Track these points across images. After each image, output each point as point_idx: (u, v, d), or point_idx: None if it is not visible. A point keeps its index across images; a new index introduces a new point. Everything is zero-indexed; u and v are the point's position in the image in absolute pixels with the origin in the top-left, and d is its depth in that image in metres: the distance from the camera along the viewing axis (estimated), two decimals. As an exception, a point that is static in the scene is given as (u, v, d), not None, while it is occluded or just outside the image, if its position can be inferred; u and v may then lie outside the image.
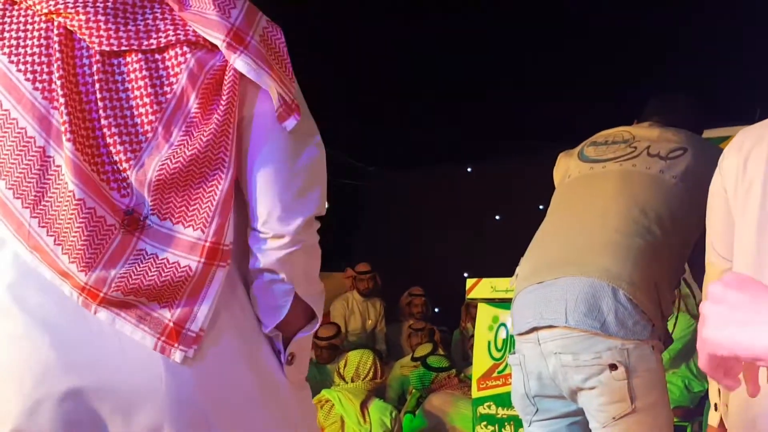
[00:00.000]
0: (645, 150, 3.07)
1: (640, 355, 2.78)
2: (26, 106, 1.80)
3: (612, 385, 2.77)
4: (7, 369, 1.74)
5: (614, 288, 2.79)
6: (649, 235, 2.89)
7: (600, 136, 3.24)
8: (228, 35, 1.79)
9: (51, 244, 1.75)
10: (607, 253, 2.88)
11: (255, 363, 1.87)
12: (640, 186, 3.00)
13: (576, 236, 3.00)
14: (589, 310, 2.78)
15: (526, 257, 3.13)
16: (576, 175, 3.18)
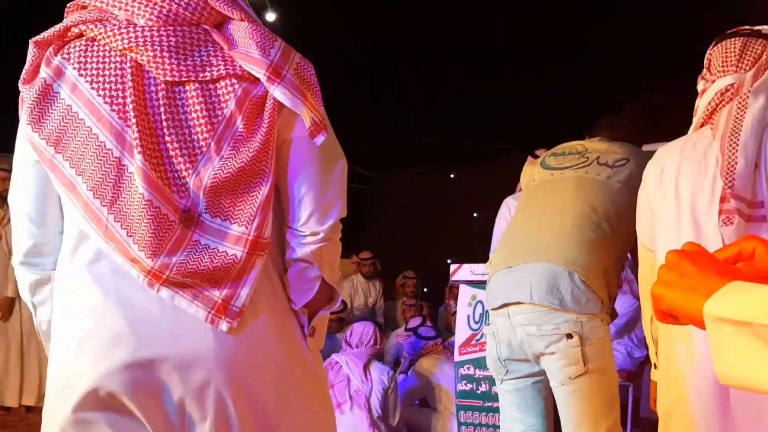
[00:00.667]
0: (595, 160, 3.05)
1: (592, 326, 2.79)
2: (105, 124, 1.81)
3: (568, 351, 2.78)
4: (86, 335, 1.78)
5: (570, 272, 2.81)
6: (599, 229, 2.88)
7: (559, 148, 3.21)
8: (268, 70, 1.80)
9: (124, 235, 1.77)
10: (565, 243, 2.87)
11: (284, 333, 1.90)
12: (592, 189, 2.97)
13: (539, 230, 2.97)
14: (550, 290, 2.80)
15: (499, 247, 3.10)
16: (539, 180, 3.14)
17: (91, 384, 1.76)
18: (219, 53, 1.85)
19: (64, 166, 1.82)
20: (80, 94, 1.83)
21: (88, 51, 1.86)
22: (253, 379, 1.83)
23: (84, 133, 1.81)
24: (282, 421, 1.87)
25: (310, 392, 1.99)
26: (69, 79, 1.85)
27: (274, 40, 1.86)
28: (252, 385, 1.82)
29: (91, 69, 1.84)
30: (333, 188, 1.92)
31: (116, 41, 1.82)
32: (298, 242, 1.91)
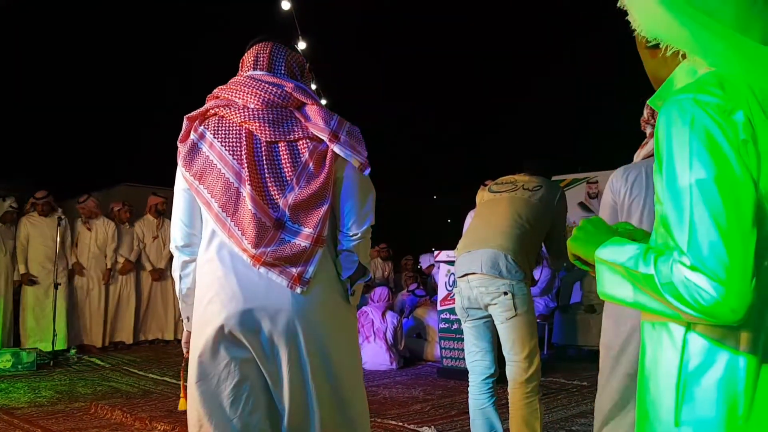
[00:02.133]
0: (521, 186, 3.05)
1: (519, 287, 2.80)
2: (229, 167, 1.85)
3: (505, 302, 2.80)
4: (215, 294, 1.82)
5: (505, 254, 2.82)
6: (523, 228, 2.89)
7: (499, 180, 3.20)
8: (329, 135, 1.85)
9: (239, 234, 1.81)
10: (502, 237, 2.86)
11: (335, 294, 1.90)
12: (519, 204, 2.97)
13: (487, 229, 2.95)
14: (493, 265, 2.81)
15: (462, 239, 3.10)
16: (487, 199, 3.13)
17: (218, 323, 1.80)
18: (299, 124, 1.88)
19: (203, 192, 1.87)
20: (214, 148, 1.88)
21: (219, 123, 1.90)
22: (316, 321, 1.82)
23: (216, 172, 1.86)
24: (333, 347, 1.85)
25: (350, 330, 1.98)
26: (207, 139, 1.90)
27: (333, 116, 1.89)
28: (315, 325, 1.82)
29: (221, 134, 1.88)
30: (367, 207, 1.93)
31: (236, 117, 1.88)
32: (345, 239, 1.91)
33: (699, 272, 0.89)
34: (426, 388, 5.10)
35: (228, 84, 1.97)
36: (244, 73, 1.99)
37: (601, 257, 1.04)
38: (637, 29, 1.10)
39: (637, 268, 0.96)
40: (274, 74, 1.96)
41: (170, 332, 7.96)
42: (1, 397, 4.72)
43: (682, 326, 1.00)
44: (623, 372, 2.24)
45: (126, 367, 6.20)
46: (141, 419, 3.98)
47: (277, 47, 2.00)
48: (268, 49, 1.99)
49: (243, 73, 2.00)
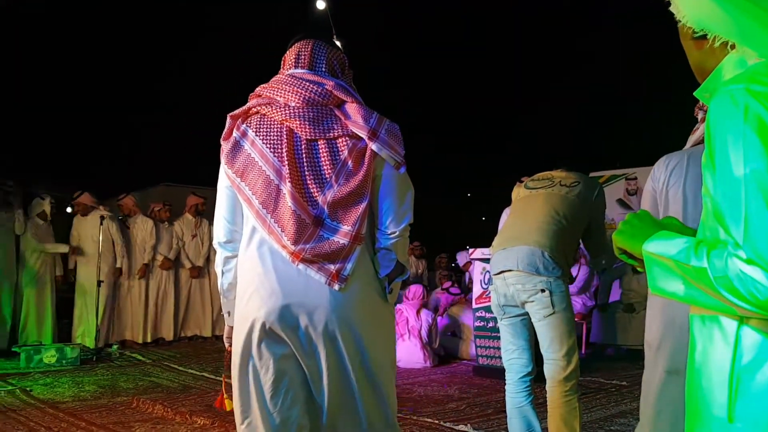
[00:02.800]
0: (558, 182, 3.00)
1: (557, 284, 2.75)
2: (269, 164, 1.86)
3: (543, 299, 2.75)
4: (255, 290, 1.83)
5: (542, 251, 2.77)
6: (560, 224, 2.84)
7: (535, 176, 3.15)
8: (368, 132, 1.85)
9: (279, 231, 1.82)
10: (539, 233, 2.82)
11: (373, 292, 1.89)
12: (556, 200, 2.92)
13: (523, 226, 2.90)
14: (529, 262, 2.77)
15: (498, 236, 3.06)
16: (523, 196, 3.08)
17: (258, 319, 1.81)
18: (338, 122, 1.88)
19: (245, 189, 1.88)
20: (256, 146, 1.88)
21: (261, 121, 1.91)
22: (353, 319, 1.81)
23: (257, 169, 1.87)
24: (371, 345, 1.84)
25: (387, 327, 1.97)
26: (249, 137, 1.90)
27: (372, 114, 1.89)
28: (352, 322, 1.81)
29: (262, 132, 1.89)
30: (405, 206, 1.92)
31: (278, 115, 1.88)
32: (383, 237, 1.91)
33: (755, 265, 0.87)
34: (461, 387, 5.07)
35: (270, 82, 1.97)
36: (286, 72, 2.00)
37: (650, 251, 1.02)
38: (683, 20, 1.07)
39: (689, 262, 0.94)
40: (315, 72, 1.96)
41: (208, 329, 8.11)
42: (47, 391, 4.85)
43: (735, 320, 0.97)
44: (661, 369, 2.20)
45: (166, 362, 6.33)
46: (181, 413, 4.05)
47: (318, 45, 2.00)
48: (309, 47, 1.99)
49: (284, 71, 2.01)
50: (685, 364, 1.12)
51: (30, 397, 4.62)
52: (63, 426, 3.79)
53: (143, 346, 7.44)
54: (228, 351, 2.01)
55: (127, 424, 3.83)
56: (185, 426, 3.81)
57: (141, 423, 3.87)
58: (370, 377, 1.85)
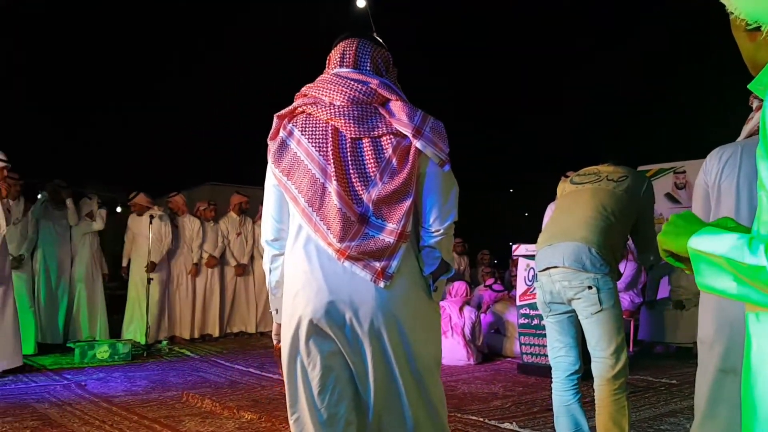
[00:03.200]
0: (605, 177, 2.95)
1: (604, 281, 2.71)
2: (315, 163, 1.88)
3: (590, 296, 2.71)
4: (302, 287, 1.85)
5: (589, 247, 2.73)
6: (607, 220, 2.79)
7: (581, 170, 3.11)
8: (412, 130, 1.85)
9: (325, 229, 1.83)
10: (586, 229, 2.78)
11: (418, 289, 1.89)
12: (603, 195, 2.87)
13: (569, 222, 2.86)
14: (576, 259, 2.73)
15: (543, 232, 3.02)
16: (569, 191, 3.04)
17: (305, 316, 1.83)
18: (383, 120, 1.88)
19: (291, 187, 1.90)
20: (302, 145, 1.91)
21: (307, 121, 1.93)
22: (398, 316, 1.82)
23: (303, 168, 1.89)
24: (416, 342, 1.85)
25: (432, 325, 1.97)
26: (296, 137, 1.92)
27: (416, 111, 1.89)
28: (397, 320, 1.82)
29: (308, 131, 1.91)
30: (449, 203, 1.92)
31: (323, 115, 1.90)
32: (427, 235, 1.92)
33: None
34: (506, 384, 5.03)
35: (315, 82, 1.99)
36: (331, 71, 2.01)
37: (697, 248, 0.99)
38: (735, 12, 1.03)
39: (743, 260, 0.91)
40: (359, 71, 1.97)
41: (253, 325, 8.26)
42: (101, 385, 5.01)
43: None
44: (715, 367, 2.16)
45: (213, 358, 6.46)
46: (229, 408, 4.12)
47: (363, 44, 2.01)
48: (354, 46, 2.01)
49: (329, 70, 2.02)
50: (740, 362, 1.09)
51: (85, 392, 4.77)
52: (116, 420, 3.90)
53: (191, 342, 7.60)
54: (277, 347, 2.04)
55: (177, 418, 3.92)
56: (233, 421, 3.88)
57: (190, 417, 3.96)
58: (416, 375, 1.85)
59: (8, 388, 4.88)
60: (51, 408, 4.21)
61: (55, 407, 4.24)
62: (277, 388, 4.82)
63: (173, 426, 3.73)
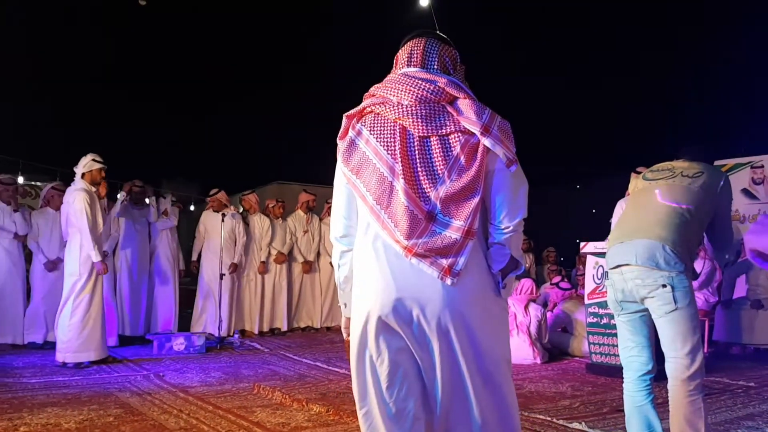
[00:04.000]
0: (680, 173, 2.88)
1: (679, 279, 2.64)
2: (383, 161, 1.89)
3: (664, 295, 2.65)
4: (373, 285, 1.86)
5: (663, 245, 2.66)
6: (682, 217, 2.72)
7: (655, 166, 3.02)
8: (481, 128, 1.84)
9: (392, 226, 1.84)
10: (660, 226, 2.71)
11: (486, 286, 1.88)
12: (678, 192, 2.80)
13: (642, 219, 2.79)
14: (650, 257, 2.66)
15: (615, 229, 2.93)
16: (642, 187, 2.96)
17: (373, 312, 1.84)
18: (450, 118, 1.88)
19: (360, 185, 1.92)
20: (370, 144, 1.92)
21: (375, 120, 1.94)
22: (466, 313, 1.81)
23: (371, 166, 1.90)
24: (483, 339, 1.83)
25: (501, 323, 1.95)
26: (364, 136, 1.94)
27: (485, 109, 1.88)
28: (465, 317, 1.81)
29: (376, 130, 1.92)
30: (518, 200, 1.89)
31: (391, 114, 1.91)
32: (496, 232, 1.90)
33: None
34: (574, 384, 4.93)
35: (383, 82, 2.00)
36: (399, 70, 2.03)
37: None
38: None
39: None
40: (427, 70, 1.98)
41: (318, 320, 8.43)
42: (177, 376, 5.21)
43: None
44: None
45: (282, 351, 6.61)
46: (298, 401, 4.21)
47: (431, 42, 2.02)
48: (421, 45, 2.01)
49: (397, 70, 2.04)
50: None
51: (163, 382, 4.97)
52: (192, 409, 4.05)
53: (260, 335, 7.80)
54: (347, 341, 2.05)
55: (250, 409, 4.04)
56: (302, 412, 3.96)
57: (262, 408, 4.07)
58: (484, 374, 1.84)
59: (93, 378, 5.14)
60: (132, 397, 4.41)
61: (136, 396, 4.44)
62: (344, 382, 4.89)
63: (246, 416, 3.84)
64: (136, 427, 3.62)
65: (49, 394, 4.46)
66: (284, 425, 3.65)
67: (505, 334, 1.98)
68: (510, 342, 2.05)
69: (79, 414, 3.89)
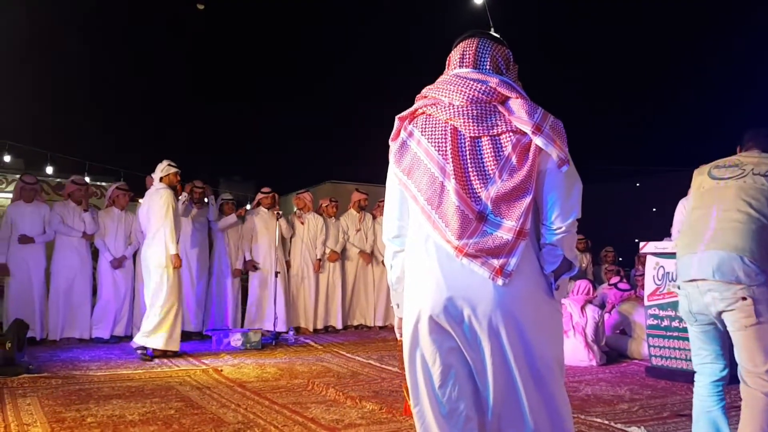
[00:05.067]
0: (750, 171, 2.68)
1: (761, 291, 2.49)
2: (434, 162, 1.90)
3: (744, 308, 2.50)
4: (424, 285, 1.87)
5: (741, 256, 2.51)
6: (758, 222, 2.55)
7: (720, 161, 2.81)
8: (532, 127, 1.83)
9: (443, 226, 1.85)
10: (735, 234, 2.55)
11: (538, 287, 1.87)
12: (751, 193, 2.62)
13: (714, 225, 2.61)
14: (728, 271, 2.52)
15: (684, 235, 2.75)
16: (708, 187, 2.76)
17: (424, 311, 1.86)
18: (502, 118, 1.87)
19: (411, 186, 1.94)
20: (421, 145, 1.94)
21: (427, 121, 1.96)
22: (517, 314, 1.80)
23: (423, 167, 1.92)
24: (535, 341, 1.82)
25: (553, 325, 1.92)
26: (416, 137, 1.96)
27: (536, 109, 1.87)
28: (516, 318, 1.80)
29: (428, 131, 1.94)
30: (572, 200, 1.87)
31: (442, 115, 1.92)
32: (548, 232, 1.88)
33: None
34: (633, 387, 4.79)
35: (435, 83, 2.02)
36: (451, 71, 2.03)
37: None
38: None
39: None
40: (479, 70, 1.98)
41: (371, 319, 8.47)
42: (235, 371, 5.33)
43: None
44: None
45: (336, 349, 6.67)
46: (351, 398, 4.25)
47: (483, 42, 2.02)
48: (474, 46, 2.02)
49: (450, 71, 2.05)
50: None
51: (221, 377, 5.09)
52: (249, 404, 4.13)
53: (314, 333, 7.89)
54: (400, 342, 2.06)
55: (304, 405, 4.09)
56: (356, 410, 3.99)
57: (316, 404, 4.12)
58: (535, 376, 1.82)
59: (155, 372, 5.32)
60: (192, 391, 4.54)
61: (196, 390, 4.56)
62: (396, 380, 4.90)
63: (300, 412, 3.90)
64: (196, 420, 3.71)
65: (113, 387, 4.63)
66: (338, 422, 3.68)
67: (558, 337, 1.95)
68: (565, 343, 2.02)
69: (142, 406, 4.02)
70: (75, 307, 6.90)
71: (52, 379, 4.88)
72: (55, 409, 3.91)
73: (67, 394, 4.36)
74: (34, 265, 6.74)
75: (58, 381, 4.81)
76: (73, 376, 5.02)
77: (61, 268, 6.87)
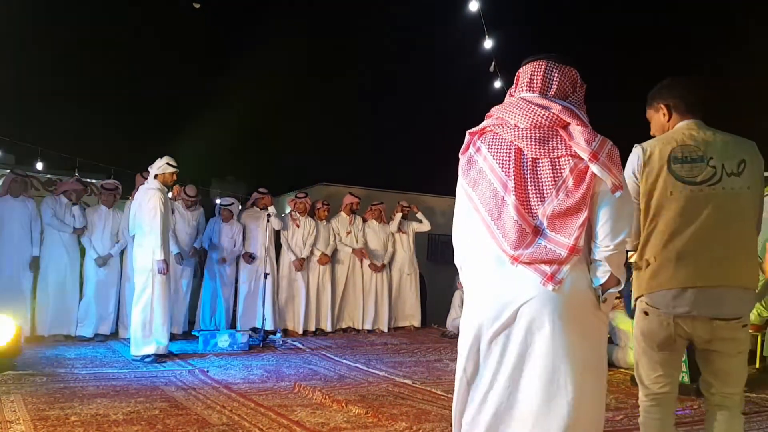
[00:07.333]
0: (722, 171, 2.33)
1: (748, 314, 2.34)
2: (497, 178, 2.06)
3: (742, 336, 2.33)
4: (479, 290, 2.07)
5: (752, 290, 2.34)
6: (752, 237, 2.39)
7: (677, 150, 2.36)
8: (589, 154, 1.96)
9: (500, 237, 2.02)
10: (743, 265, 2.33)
11: (586, 297, 1.97)
12: (738, 204, 2.34)
13: (716, 250, 2.29)
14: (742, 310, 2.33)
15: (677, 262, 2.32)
16: (679, 194, 2.33)
17: (479, 316, 2.03)
18: (563, 142, 2.02)
19: (474, 198, 2.11)
20: (487, 161, 2.10)
21: (494, 139, 2.12)
22: (564, 320, 1.92)
23: (486, 181, 2.09)
24: (579, 348, 1.93)
25: (597, 335, 2.03)
26: (483, 152, 2.13)
27: (595, 136, 2.00)
28: (562, 321, 1.92)
29: (494, 148, 2.10)
30: (622, 222, 1.99)
31: (508, 135, 2.08)
32: (598, 250, 2.00)
33: None
34: (618, 396, 4.80)
35: (503, 104, 2.16)
36: (519, 93, 2.17)
37: None
38: None
39: None
40: (545, 96, 2.11)
41: (360, 322, 8.42)
42: (221, 372, 5.30)
43: None
44: None
45: (323, 352, 6.65)
46: (338, 401, 4.23)
47: (551, 66, 2.14)
48: (542, 70, 2.15)
49: (516, 91, 2.19)
50: None
51: (207, 378, 5.07)
52: (234, 405, 4.12)
53: (303, 335, 7.86)
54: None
55: (290, 408, 4.08)
56: (341, 413, 3.98)
57: (302, 407, 4.10)
58: (577, 381, 1.92)
59: (141, 371, 5.28)
60: (177, 391, 4.51)
61: (181, 391, 4.54)
62: (383, 384, 4.89)
63: (286, 415, 3.88)
64: (181, 420, 3.70)
65: (98, 386, 4.60)
66: (323, 425, 3.67)
67: (602, 347, 2.08)
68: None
69: (127, 406, 4.00)
70: (64, 304, 6.85)
71: (37, 376, 4.84)
72: (39, 407, 3.88)
73: (52, 392, 4.34)
74: (19, 261, 6.64)
75: (42, 378, 4.77)
76: (57, 374, 4.98)
77: (50, 264, 6.81)
